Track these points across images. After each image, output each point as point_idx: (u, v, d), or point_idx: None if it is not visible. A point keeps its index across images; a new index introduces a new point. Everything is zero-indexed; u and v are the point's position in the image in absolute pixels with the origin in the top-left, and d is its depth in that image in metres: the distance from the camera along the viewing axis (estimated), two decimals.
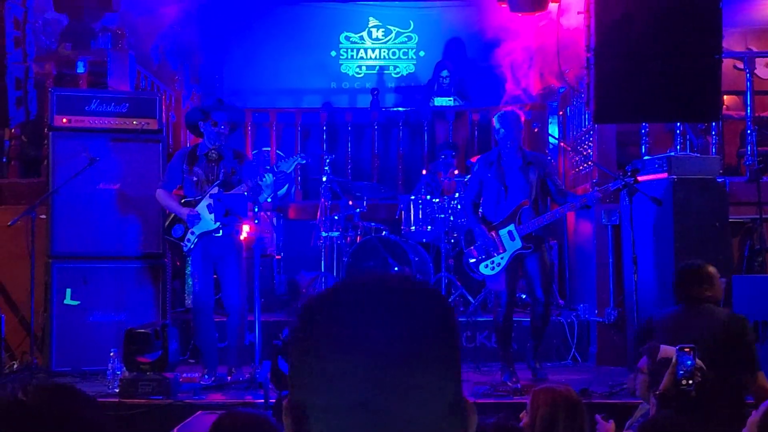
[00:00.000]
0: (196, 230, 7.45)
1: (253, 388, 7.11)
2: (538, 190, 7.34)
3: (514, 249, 7.27)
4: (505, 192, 7.33)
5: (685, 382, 3.89)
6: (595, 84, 6.92)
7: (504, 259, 7.28)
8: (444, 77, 12.08)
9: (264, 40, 13.24)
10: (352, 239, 9.88)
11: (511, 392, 6.89)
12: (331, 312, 1.36)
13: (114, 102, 8.41)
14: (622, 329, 8.42)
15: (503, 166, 7.39)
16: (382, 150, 12.10)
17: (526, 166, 7.35)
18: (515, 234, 7.25)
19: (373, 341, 1.32)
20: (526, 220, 7.23)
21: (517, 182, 7.34)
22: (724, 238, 7.81)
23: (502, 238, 7.29)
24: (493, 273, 7.34)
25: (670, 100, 7.12)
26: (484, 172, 7.46)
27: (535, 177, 7.33)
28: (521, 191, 7.31)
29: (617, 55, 6.94)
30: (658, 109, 7.28)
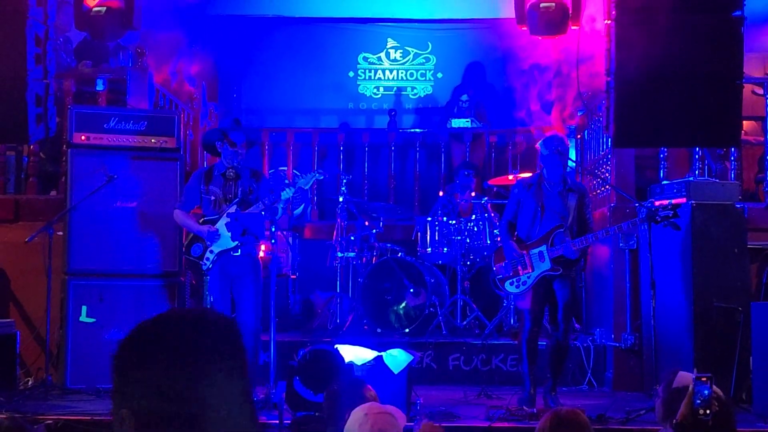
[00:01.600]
0: (215, 248, 7.45)
1: (268, 408, 7.07)
2: (575, 216, 7.31)
3: (542, 270, 7.22)
4: (542, 214, 7.30)
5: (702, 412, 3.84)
6: (615, 108, 6.90)
7: (530, 278, 7.24)
8: (464, 101, 12.08)
9: (282, 59, 13.28)
10: (368, 260, 9.86)
11: (527, 417, 6.84)
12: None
13: (133, 120, 8.43)
14: (638, 354, 8.37)
15: (543, 189, 7.36)
16: (398, 171, 12.11)
17: (566, 191, 7.33)
18: (545, 255, 7.21)
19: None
20: (558, 242, 7.19)
21: (555, 206, 7.31)
22: (743, 264, 7.77)
23: (531, 258, 7.25)
24: (518, 291, 7.31)
25: (690, 124, 7.09)
26: (523, 193, 7.43)
27: (574, 203, 7.30)
28: (558, 215, 7.28)
29: (637, 80, 6.92)
30: (678, 134, 7.25)
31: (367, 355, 6.89)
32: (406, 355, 6.94)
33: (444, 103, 12.82)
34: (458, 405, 7.50)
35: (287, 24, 13.26)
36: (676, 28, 6.91)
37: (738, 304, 7.51)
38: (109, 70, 9.86)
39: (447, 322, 9.44)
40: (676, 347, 7.69)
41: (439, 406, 7.25)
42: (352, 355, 6.80)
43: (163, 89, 10.00)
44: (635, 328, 8.46)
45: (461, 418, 6.93)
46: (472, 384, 8.51)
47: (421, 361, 8.74)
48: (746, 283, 7.82)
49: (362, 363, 6.78)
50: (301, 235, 10.96)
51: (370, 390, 4.55)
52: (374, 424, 3.69)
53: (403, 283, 9.52)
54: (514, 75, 12.61)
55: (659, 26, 6.87)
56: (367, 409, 3.74)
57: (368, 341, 7.48)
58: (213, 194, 7.57)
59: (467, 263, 9.75)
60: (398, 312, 9.59)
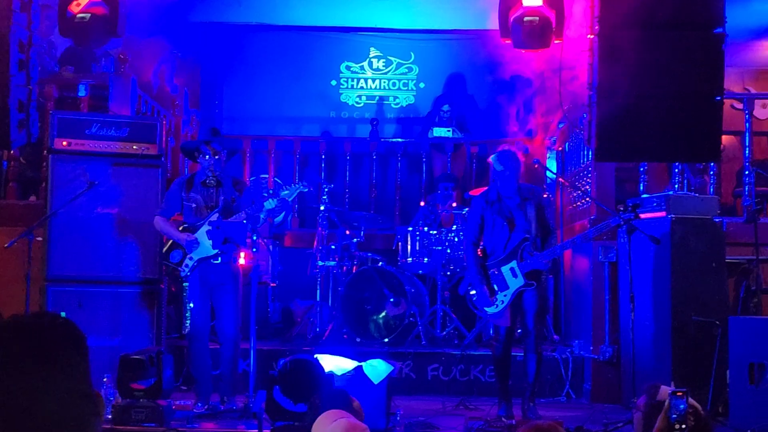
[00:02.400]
0: (194, 256, 7.45)
1: (247, 417, 7.07)
2: (537, 225, 7.35)
3: (517, 286, 7.26)
4: (510, 229, 7.33)
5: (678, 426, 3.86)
6: (596, 122, 6.94)
7: (507, 297, 7.27)
8: (445, 111, 12.11)
9: (264, 67, 13.29)
10: (348, 269, 9.87)
11: (506, 428, 6.85)
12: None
13: (114, 126, 8.40)
14: (617, 367, 8.41)
15: (503, 205, 7.40)
16: (380, 180, 12.13)
17: (523, 202, 7.37)
18: (517, 271, 7.24)
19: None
20: (528, 256, 7.23)
21: (518, 219, 7.35)
22: (721, 278, 7.83)
23: (504, 276, 7.28)
24: (497, 311, 7.32)
25: (670, 139, 7.13)
26: (485, 211, 7.46)
27: (533, 212, 7.35)
28: (522, 228, 7.32)
29: (619, 94, 6.96)
30: (658, 149, 7.29)
31: (347, 365, 6.89)
32: (385, 365, 6.95)
33: (426, 113, 12.84)
34: (437, 416, 7.52)
35: (270, 32, 13.26)
36: (657, 43, 6.96)
37: (716, 318, 7.56)
38: (91, 75, 9.83)
39: (426, 332, 9.45)
40: (654, 360, 7.74)
41: (418, 416, 7.27)
42: (332, 365, 6.80)
43: (146, 95, 9.98)
44: (614, 341, 8.51)
45: (440, 429, 6.94)
46: (450, 394, 8.54)
47: (400, 371, 8.75)
48: (724, 297, 7.87)
49: (342, 373, 6.78)
50: (281, 243, 10.96)
51: (354, 401, 4.55)
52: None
53: (383, 293, 9.53)
54: (496, 86, 12.68)
55: (641, 42, 6.92)
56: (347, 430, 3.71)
57: (348, 351, 7.48)
58: (194, 201, 7.57)
59: (447, 273, 9.77)
60: (378, 321, 9.60)
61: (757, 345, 7.05)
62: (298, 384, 6.46)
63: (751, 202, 9.07)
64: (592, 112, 6.97)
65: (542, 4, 7.77)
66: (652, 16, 6.95)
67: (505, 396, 7.37)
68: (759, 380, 6.96)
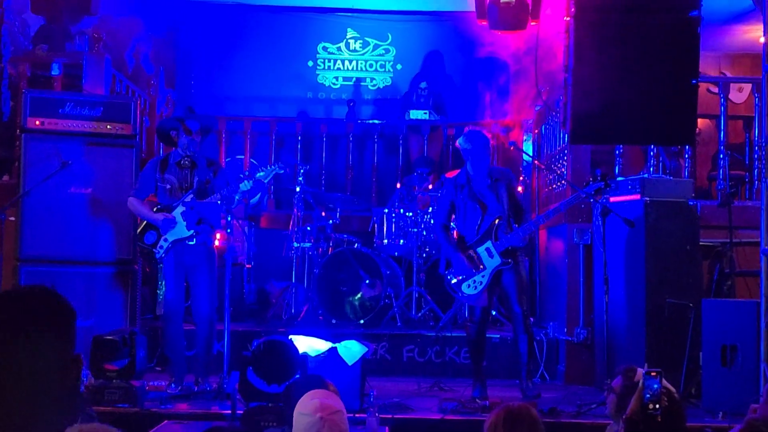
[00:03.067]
0: (169, 237, 7.41)
1: (221, 398, 7.05)
2: (508, 204, 7.36)
3: (494, 266, 7.27)
4: (483, 212, 7.33)
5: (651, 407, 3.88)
6: (572, 105, 6.94)
7: (485, 277, 7.27)
8: (422, 89, 12.07)
9: (241, 47, 13.19)
10: (323, 251, 9.85)
11: (480, 409, 6.87)
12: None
13: (88, 105, 8.34)
14: (590, 349, 8.44)
15: (473, 187, 7.40)
16: (356, 162, 12.11)
17: (494, 183, 7.37)
18: (493, 250, 7.25)
19: None
20: (502, 235, 7.24)
21: (489, 200, 7.36)
22: (695, 261, 7.86)
23: (480, 256, 7.29)
24: (476, 292, 7.32)
25: (646, 122, 7.15)
26: (456, 194, 7.45)
27: (504, 192, 7.36)
28: (494, 209, 7.33)
29: (595, 77, 6.97)
30: (634, 132, 7.32)
31: (321, 346, 6.89)
32: (360, 346, 6.95)
33: (403, 95, 12.80)
34: (412, 397, 7.52)
35: (247, 11, 13.16)
36: (634, 26, 6.97)
37: (690, 301, 7.59)
38: (65, 54, 9.74)
39: (402, 314, 9.46)
40: (628, 342, 7.77)
41: (393, 397, 7.27)
42: (306, 346, 6.79)
43: (120, 75, 9.90)
44: (588, 323, 8.53)
45: (414, 411, 6.95)
46: (425, 375, 8.55)
47: (375, 353, 8.76)
48: (698, 279, 7.91)
49: (316, 354, 6.78)
50: (257, 224, 10.92)
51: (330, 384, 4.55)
52: (332, 426, 3.70)
53: (359, 275, 9.52)
54: (473, 68, 12.67)
55: (617, 24, 6.93)
56: (320, 410, 3.73)
57: (323, 332, 7.48)
58: (168, 182, 7.52)
59: (423, 255, 9.78)
60: (353, 303, 9.60)
61: (729, 327, 7.09)
62: (272, 365, 6.45)
63: (725, 186, 9.12)
64: (567, 95, 6.98)
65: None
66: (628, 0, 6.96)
67: (480, 377, 7.38)
68: (731, 362, 7.00)
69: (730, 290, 8.54)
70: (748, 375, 6.86)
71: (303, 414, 3.79)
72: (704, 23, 7.21)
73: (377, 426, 5.77)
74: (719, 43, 12.71)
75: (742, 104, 12.05)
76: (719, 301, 7.71)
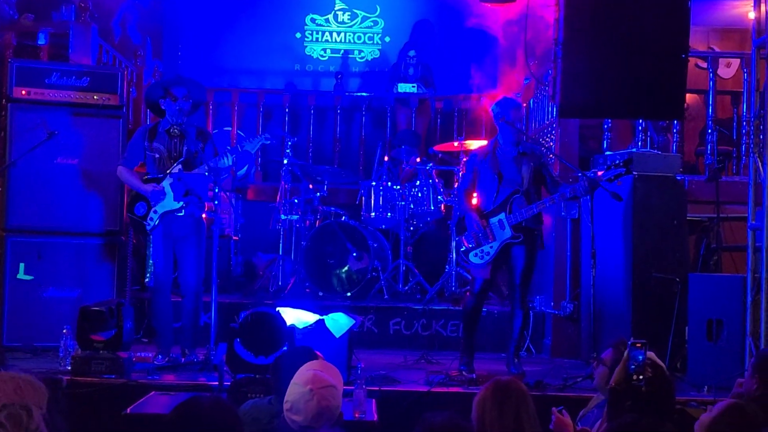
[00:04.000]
0: (159, 209, 7.37)
1: (208, 369, 7.06)
2: (530, 181, 7.24)
3: (504, 238, 7.17)
4: (499, 182, 7.23)
5: (635, 377, 3.91)
6: (561, 78, 6.93)
7: (493, 248, 7.18)
8: (411, 57, 12.03)
9: (228, 18, 13.10)
10: (311, 223, 9.85)
11: (466, 382, 6.89)
12: None
13: (75, 76, 8.29)
14: (577, 322, 8.47)
15: (498, 156, 7.30)
16: (344, 134, 12.10)
17: (519, 156, 7.25)
18: (505, 223, 7.15)
19: None
20: (517, 209, 7.16)
21: (509, 172, 7.24)
22: (682, 235, 7.88)
23: (492, 227, 7.19)
24: (482, 262, 7.23)
25: (635, 97, 7.15)
26: (480, 162, 7.36)
27: (527, 168, 7.23)
28: (513, 181, 7.23)
29: (584, 50, 6.96)
30: (622, 106, 7.31)
31: (309, 319, 6.89)
32: (347, 318, 6.96)
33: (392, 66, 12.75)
34: (398, 369, 7.55)
35: None
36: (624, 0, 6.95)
37: (676, 275, 7.61)
38: (51, 24, 9.65)
39: (389, 286, 9.47)
40: (614, 316, 7.80)
41: (380, 370, 7.29)
42: (293, 318, 6.79)
43: (107, 45, 9.82)
44: (575, 297, 8.56)
45: (401, 383, 6.96)
46: (412, 348, 8.57)
47: (362, 325, 8.77)
48: (684, 254, 7.93)
49: (303, 326, 6.78)
50: (244, 196, 10.91)
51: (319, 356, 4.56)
52: (320, 400, 3.71)
53: (346, 247, 9.53)
54: (462, 41, 12.62)
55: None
56: (311, 383, 3.74)
57: (310, 304, 7.48)
58: (157, 152, 7.46)
59: (410, 228, 9.78)
60: (340, 276, 9.60)
61: (715, 302, 7.12)
62: (259, 337, 6.45)
63: (712, 161, 9.14)
64: (557, 69, 6.96)
65: None
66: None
67: (468, 350, 7.38)
68: (717, 337, 7.04)
69: (716, 265, 8.58)
70: (734, 349, 6.90)
71: (296, 384, 3.82)
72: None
73: (364, 398, 5.78)
74: (708, 17, 12.68)
75: (730, 79, 12.04)
76: (705, 276, 7.74)
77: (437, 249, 9.96)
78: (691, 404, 6.06)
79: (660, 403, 4.09)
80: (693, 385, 7.04)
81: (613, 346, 4.94)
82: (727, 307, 7.01)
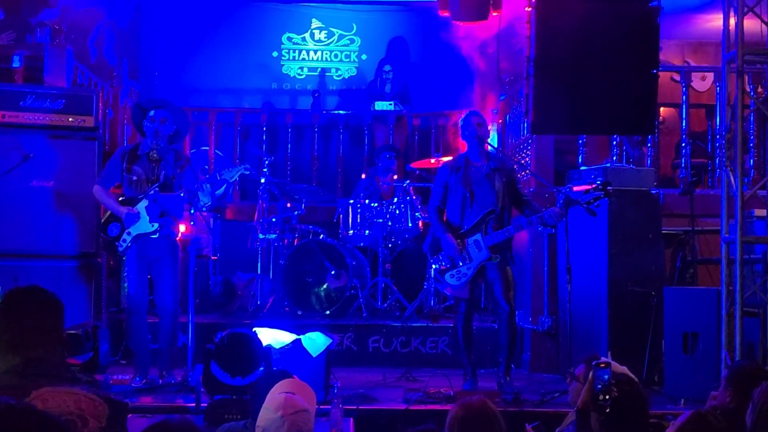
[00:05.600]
0: (132, 231, 7.34)
1: (185, 391, 7.04)
2: (504, 197, 7.25)
3: (481, 259, 7.15)
4: (471, 199, 7.22)
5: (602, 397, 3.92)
6: (533, 95, 6.97)
7: (470, 270, 7.16)
8: (387, 71, 12.09)
9: (204, 37, 13.13)
10: (289, 242, 9.84)
11: (444, 399, 6.89)
12: None
13: (50, 98, 8.28)
14: (555, 337, 8.50)
15: (470, 173, 7.29)
16: (322, 152, 12.10)
17: (492, 172, 7.25)
18: (482, 244, 7.13)
19: None
20: (492, 230, 7.13)
21: (483, 189, 7.24)
22: (657, 249, 7.94)
23: (468, 248, 7.18)
24: (458, 283, 7.22)
25: (607, 112, 7.20)
26: (450, 177, 7.34)
27: (501, 184, 7.23)
28: (488, 199, 7.22)
29: (556, 67, 7.00)
30: (595, 122, 7.36)
31: (286, 338, 6.89)
32: (324, 338, 6.96)
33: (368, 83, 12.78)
34: (377, 387, 7.54)
35: (211, 2, 13.12)
36: (595, 17, 7.01)
37: (652, 289, 7.67)
38: (26, 46, 9.64)
39: (368, 304, 9.46)
40: (591, 330, 7.83)
41: (358, 388, 7.29)
42: (270, 338, 6.78)
43: (82, 66, 9.81)
44: (552, 312, 8.58)
45: (379, 401, 6.97)
46: (392, 366, 8.57)
47: (341, 343, 8.77)
48: (660, 267, 7.99)
49: (280, 346, 6.77)
50: (222, 215, 10.89)
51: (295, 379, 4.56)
52: (291, 426, 3.70)
53: (325, 266, 9.53)
54: (438, 58, 12.68)
55: (578, 15, 6.96)
56: (282, 408, 3.73)
57: (288, 323, 7.47)
58: (135, 174, 7.42)
59: (389, 246, 9.79)
60: (319, 294, 9.60)
61: (691, 315, 7.16)
62: (235, 358, 6.44)
63: (687, 174, 9.20)
64: (529, 85, 7.00)
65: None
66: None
67: (469, 369, 7.33)
68: (693, 349, 7.08)
69: (692, 278, 8.64)
70: (710, 362, 6.94)
71: (267, 408, 3.79)
72: (668, 11, 7.28)
73: (341, 417, 5.76)
74: (683, 31, 12.79)
75: (704, 92, 12.14)
76: (681, 289, 7.79)
77: (416, 266, 9.96)
78: (668, 417, 6.07)
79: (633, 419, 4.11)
80: (670, 398, 7.09)
81: (585, 362, 4.95)
82: (703, 320, 7.06)
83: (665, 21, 7.31)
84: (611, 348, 7.41)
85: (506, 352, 7.30)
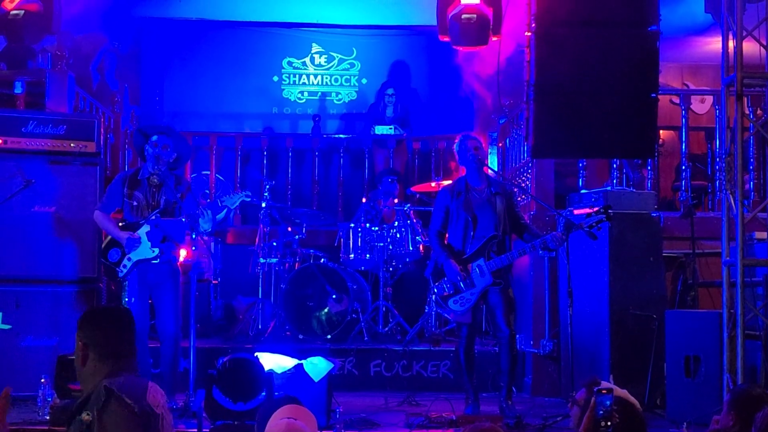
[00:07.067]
0: (133, 256, 7.34)
1: (187, 416, 7.01)
2: (506, 221, 7.25)
3: (484, 285, 7.13)
4: (474, 224, 7.21)
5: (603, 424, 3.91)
6: (534, 119, 6.99)
7: (474, 295, 7.14)
8: (390, 95, 12.14)
9: (206, 62, 13.20)
10: (290, 266, 9.85)
11: (447, 423, 6.87)
12: None
13: (51, 124, 8.30)
14: (557, 361, 8.48)
15: (471, 197, 7.29)
16: (322, 176, 12.12)
17: (493, 197, 7.25)
18: (485, 269, 7.12)
19: None
20: (495, 255, 7.12)
21: (485, 214, 7.23)
22: (658, 272, 7.94)
23: (471, 273, 7.15)
24: (462, 309, 7.20)
25: (607, 136, 7.21)
26: (451, 202, 7.33)
27: (503, 208, 7.23)
28: (490, 224, 7.21)
29: (556, 91, 7.02)
30: (595, 146, 7.37)
31: (288, 363, 6.88)
32: (326, 363, 6.95)
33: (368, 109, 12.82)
34: (379, 412, 7.53)
35: (211, 27, 13.18)
36: (594, 41, 7.04)
37: (653, 312, 7.67)
38: (28, 72, 9.69)
39: (369, 328, 9.46)
40: (593, 354, 7.82)
41: (360, 413, 7.27)
42: (272, 363, 6.78)
43: (84, 92, 9.85)
44: (554, 335, 8.57)
45: (381, 426, 6.95)
46: (393, 390, 8.56)
47: (342, 368, 8.76)
48: (661, 290, 7.98)
49: (282, 371, 6.77)
50: (223, 240, 10.91)
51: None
52: None
53: (326, 290, 9.53)
54: (438, 82, 12.73)
55: (578, 39, 6.99)
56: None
57: (290, 347, 7.46)
58: (136, 199, 7.44)
59: (390, 269, 9.79)
60: (320, 318, 9.60)
61: (692, 338, 7.15)
62: (237, 383, 6.44)
63: (687, 197, 9.21)
64: (529, 109, 7.02)
65: (480, 2, 7.81)
66: (589, 14, 7.04)
67: (471, 394, 7.31)
68: (695, 373, 7.06)
69: (693, 301, 8.61)
70: (712, 385, 6.91)
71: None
72: (667, 35, 7.30)
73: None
74: (682, 54, 12.85)
75: (704, 115, 12.17)
76: (682, 312, 7.77)
77: (417, 290, 9.97)
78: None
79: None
80: (672, 422, 7.05)
81: (586, 386, 4.94)
82: (704, 343, 7.04)
83: (664, 44, 7.34)
84: (613, 371, 7.42)
85: (507, 376, 7.28)
